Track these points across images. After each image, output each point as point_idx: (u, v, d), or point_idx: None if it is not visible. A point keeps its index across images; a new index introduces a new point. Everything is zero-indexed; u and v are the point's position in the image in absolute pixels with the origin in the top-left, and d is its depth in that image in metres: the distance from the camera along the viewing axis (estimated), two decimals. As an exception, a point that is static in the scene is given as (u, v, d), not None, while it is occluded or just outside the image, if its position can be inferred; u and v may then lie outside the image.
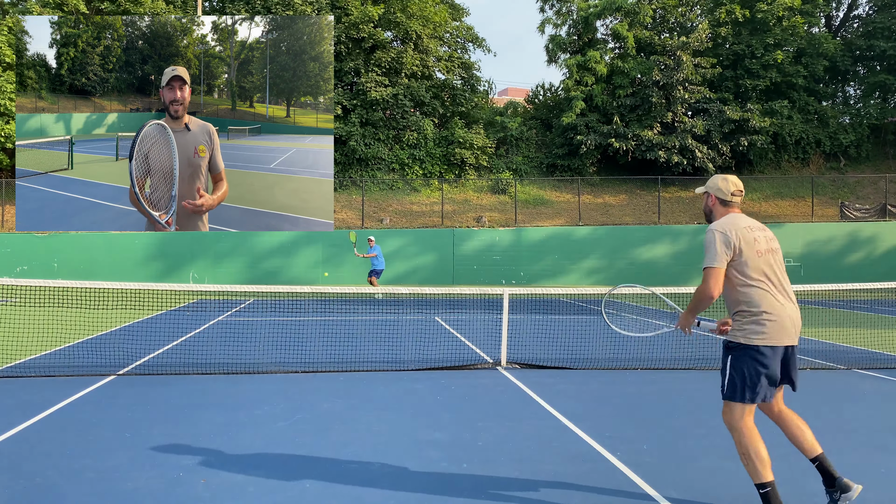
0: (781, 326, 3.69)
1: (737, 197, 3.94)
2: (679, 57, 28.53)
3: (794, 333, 3.74)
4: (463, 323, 13.59)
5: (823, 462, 3.83)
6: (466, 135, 29.14)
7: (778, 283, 3.78)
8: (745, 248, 3.73)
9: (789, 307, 3.75)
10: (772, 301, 3.71)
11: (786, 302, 3.75)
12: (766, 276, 3.75)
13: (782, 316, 3.70)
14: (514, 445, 5.18)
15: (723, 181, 3.95)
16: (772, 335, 3.68)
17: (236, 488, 4.25)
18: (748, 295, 3.74)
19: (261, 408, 6.33)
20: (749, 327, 3.72)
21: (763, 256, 3.76)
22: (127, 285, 9.11)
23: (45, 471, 4.53)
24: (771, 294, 3.73)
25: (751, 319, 3.72)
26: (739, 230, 3.77)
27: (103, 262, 22.95)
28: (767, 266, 3.77)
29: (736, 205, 3.96)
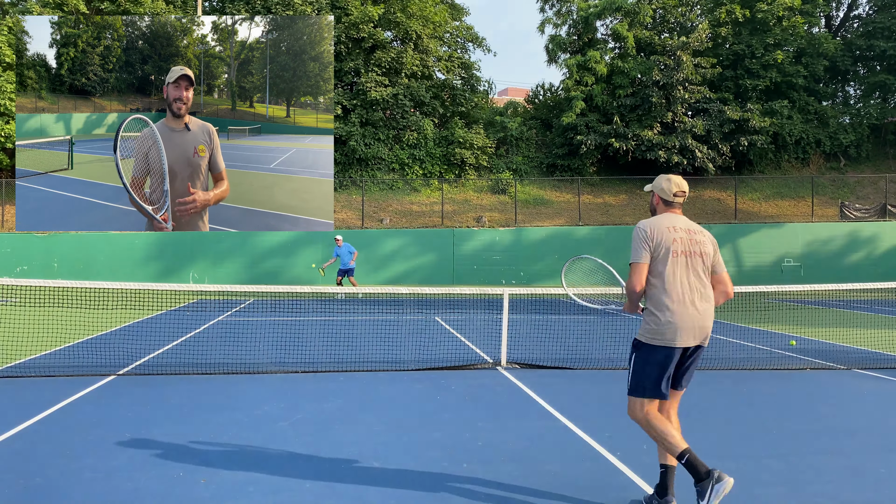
0: (680, 329, 3.75)
1: (679, 198, 4.03)
2: (679, 57, 28.53)
3: (692, 335, 3.78)
4: (463, 323, 13.59)
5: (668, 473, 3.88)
6: (466, 135, 29.14)
7: (689, 286, 3.82)
8: (660, 247, 3.84)
9: (694, 311, 3.78)
10: (677, 304, 3.78)
11: (695, 304, 3.80)
12: (678, 277, 3.82)
13: (683, 318, 3.76)
14: (514, 445, 5.18)
15: (666, 182, 4.05)
16: (667, 335, 3.77)
17: (236, 488, 4.25)
18: (655, 294, 3.84)
19: (261, 408, 6.33)
20: (651, 326, 3.82)
21: (679, 258, 3.83)
22: (127, 285, 9.11)
23: (45, 471, 4.53)
24: (677, 295, 3.79)
25: (653, 319, 3.81)
26: (660, 228, 3.88)
27: (103, 262, 22.95)
28: (682, 267, 3.83)
29: (677, 205, 4.05)
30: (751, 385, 7.55)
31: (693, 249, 3.87)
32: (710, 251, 3.94)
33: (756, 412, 6.29)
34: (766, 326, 13.20)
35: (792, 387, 7.47)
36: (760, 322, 13.99)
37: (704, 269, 3.89)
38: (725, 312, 15.94)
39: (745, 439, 5.40)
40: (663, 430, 3.77)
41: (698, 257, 3.88)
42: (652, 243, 3.85)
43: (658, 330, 3.79)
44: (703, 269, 3.89)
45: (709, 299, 3.87)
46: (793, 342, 10.72)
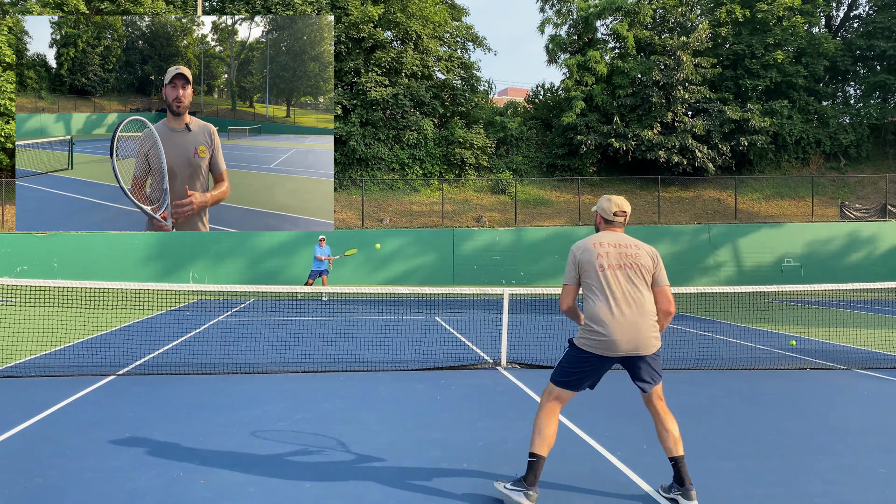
0: (610, 341, 3.90)
1: (619, 217, 4.19)
2: (679, 57, 28.53)
3: (628, 346, 3.90)
4: (463, 323, 13.59)
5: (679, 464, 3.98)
6: (466, 135, 29.14)
7: (620, 297, 3.94)
8: (585, 264, 4.05)
9: (627, 321, 3.90)
10: (605, 314, 3.92)
11: (625, 315, 3.90)
12: (605, 290, 3.96)
13: (615, 329, 3.89)
14: (514, 445, 5.18)
15: (607, 202, 4.22)
16: (597, 346, 3.94)
17: (236, 488, 4.25)
18: (587, 305, 4.04)
19: (261, 408, 6.33)
20: (584, 333, 4.01)
21: (608, 271, 3.99)
22: (127, 285, 9.11)
23: (45, 471, 4.53)
24: (606, 307, 3.93)
25: (586, 326, 4.01)
26: (586, 248, 4.09)
27: (103, 262, 22.95)
28: (609, 280, 3.97)
29: (617, 224, 4.20)
30: (751, 385, 7.55)
31: (623, 262, 4.01)
32: (647, 263, 4.04)
33: (756, 412, 6.29)
34: (766, 326, 13.20)
35: (792, 387, 7.47)
36: (760, 322, 13.99)
37: (641, 280, 4.00)
38: (726, 312, 15.95)
39: (745, 439, 5.40)
40: (544, 425, 4.02)
41: (630, 269, 3.99)
42: (577, 264, 4.08)
43: (589, 339, 3.96)
44: (639, 280, 4.00)
45: (644, 311, 3.95)
46: (793, 342, 10.72)
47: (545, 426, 4.01)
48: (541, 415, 4.06)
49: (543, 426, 4.01)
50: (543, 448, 3.97)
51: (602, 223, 4.26)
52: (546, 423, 4.02)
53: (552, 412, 4.06)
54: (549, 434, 4.00)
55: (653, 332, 3.96)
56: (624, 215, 4.19)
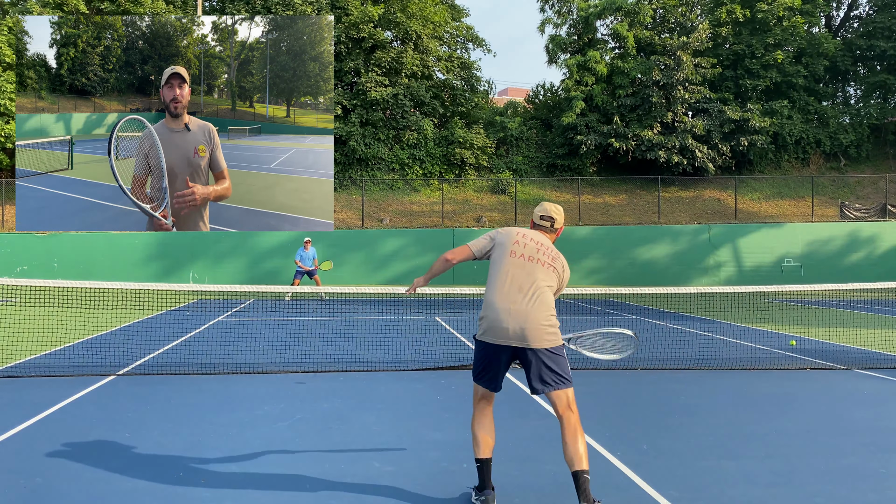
0: (498, 327, 3.83)
1: (545, 221, 4.20)
2: (679, 57, 28.53)
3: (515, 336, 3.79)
4: (463, 323, 13.59)
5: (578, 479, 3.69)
6: (466, 135, 29.14)
7: (517, 286, 3.87)
8: (498, 248, 4.04)
9: (517, 309, 3.81)
10: (500, 301, 3.86)
11: (518, 304, 3.82)
12: (507, 277, 3.91)
13: (504, 318, 3.81)
14: (514, 445, 5.18)
15: (539, 207, 4.30)
16: (488, 333, 3.88)
17: (236, 488, 4.25)
18: (486, 290, 4.00)
19: (261, 408, 6.33)
20: (480, 323, 3.97)
21: (516, 259, 3.95)
22: (127, 285, 9.12)
23: (45, 471, 4.53)
24: (503, 294, 3.87)
25: (481, 315, 3.97)
26: (509, 232, 4.10)
27: (103, 262, 22.95)
28: (516, 269, 3.92)
29: (543, 228, 4.21)
30: (751, 385, 7.55)
31: (533, 256, 3.97)
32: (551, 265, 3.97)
33: (756, 412, 6.29)
34: (767, 326, 13.20)
35: (792, 387, 7.47)
36: (760, 322, 13.99)
37: (546, 278, 3.92)
38: (726, 312, 15.95)
39: (745, 439, 5.40)
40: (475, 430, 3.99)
41: (537, 263, 3.95)
42: (493, 240, 4.09)
43: (483, 326, 3.92)
44: (545, 278, 3.92)
45: (538, 302, 3.83)
46: (793, 342, 10.72)
47: (477, 430, 3.99)
48: (473, 418, 4.05)
49: (476, 430, 4.00)
50: (482, 451, 3.93)
51: (532, 225, 4.31)
52: (478, 426, 4.00)
53: (481, 413, 4.02)
54: (482, 436, 3.96)
55: (545, 323, 3.81)
56: (551, 221, 4.19)
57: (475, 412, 4.05)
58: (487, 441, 3.96)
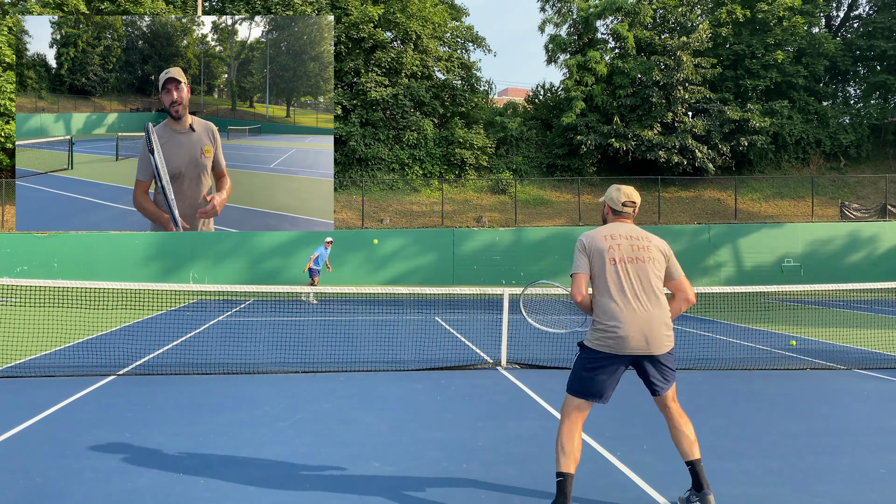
0: (625, 336, 3.72)
1: (628, 208, 4.02)
2: (679, 57, 28.52)
3: (641, 344, 3.73)
4: (463, 323, 13.59)
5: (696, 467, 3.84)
6: (466, 135, 29.13)
7: (632, 293, 3.78)
8: (595, 256, 3.87)
9: (640, 316, 3.73)
10: (616, 310, 3.75)
11: (637, 311, 3.74)
12: (618, 284, 3.79)
13: (628, 325, 3.72)
14: (514, 445, 5.18)
15: (616, 191, 4.05)
16: (610, 344, 3.76)
17: (236, 488, 4.25)
18: (597, 302, 3.86)
19: (261, 408, 6.33)
20: (594, 332, 3.84)
21: (619, 265, 3.82)
22: (127, 285, 9.12)
23: (45, 471, 4.53)
24: (618, 304, 3.76)
25: (596, 325, 3.83)
26: (596, 239, 3.90)
27: (103, 262, 22.95)
28: (622, 274, 3.80)
29: (626, 215, 4.04)
30: (751, 385, 7.54)
31: (636, 255, 3.85)
32: (657, 256, 3.90)
33: (756, 412, 6.29)
34: (767, 326, 13.20)
35: (792, 387, 7.47)
36: (761, 322, 13.99)
37: (653, 275, 3.84)
38: (726, 312, 15.95)
39: (745, 439, 5.40)
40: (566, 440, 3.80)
41: (643, 263, 3.84)
42: (588, 253, 3.88)
43: (601, 337, 3.78)
44: (652, 275, 3.83)
45: (657, 306, 3.79)
46: (793, 342, 10.72)
47: (567, 441, 3.79)
48: (562, 430, 3.83)
49: (566, 441, 3.79)
50: (570, 465, 3.75)
51: (610, 214, 4.08)
52: (568, 437, 3.80)
53: (574, 426, 3.83)
54: (572, 449, 3.77)
55: (665, 329, 3.78)
56: (633, 206, 4.01)
57: (567, 424, 3.83)
58: (577, 455, 3.78)
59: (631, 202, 4.01)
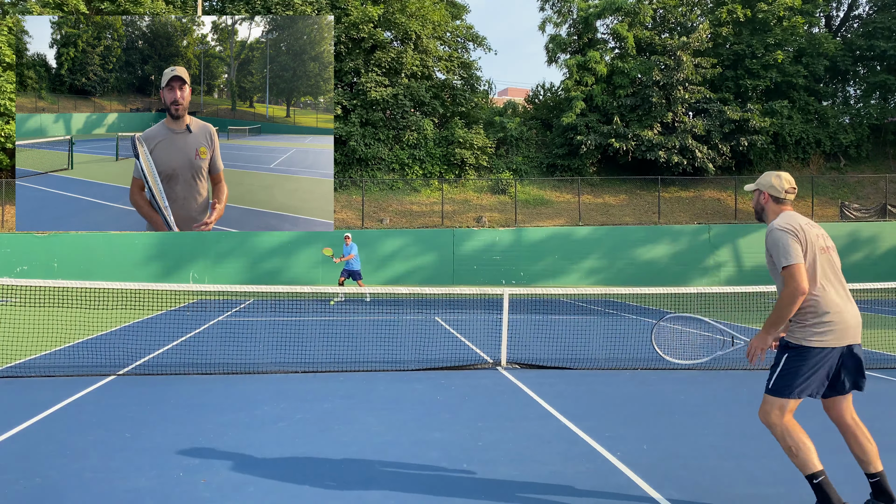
0: (845, 327, 3.63)
1: (790, 194, 3.87)
2: (679, 57, 28.52)
3: (855, 332, 3.68)
4: (463, 323, 13.59)
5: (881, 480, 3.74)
6: (466, 135, 29.13)
7: (838, 283, 3.73)
8: (810, 247, 3.68)
9: (850, 307, 3.70)
10: (835, 301, 3.65)
11: (847, 302, 3.70)
12: (828, 275, 3.70)
13: (845, 317, 3.64)
14: (514, 445, 5.18)
15: (776, 178, 3.88)
16: (833, 337, 3.62)
17: (236, 488, 4.25)
18: (818, 291, 3.66)
19: (261, 408, 6.33)
20: (811, 329, 3.64)
21: (825, 254, 3.72)
22: (127, 285, 9.12)
23: (45, 471, 4.53)
24: (833, 292, 3.67)
25: (814, 321, 3.64)
26: (802, 227, 3.70)
27: (103, 262, 22.95)
28: (829, 265, 3.72)
29: (788, 202, 3.88)
30: (751, 385, 7.55)
31: (829, 244, 3.78)
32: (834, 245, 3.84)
33: (756, 412, 6.28)
34: (766, 326, 13.18)
35: (792, 387, 7.46)
36: (761, 322, 13.98)
37: (839, 263, 3.80)
38: (726, 312, 15.94)
39: (745, 439, 5.40)
40: (801, 439, 3.62)
41: (834, 252, 3.80)
42: (801, 241, 3.66)
43: (826, 331, 3.61)
44: (839, 263, 3.80)
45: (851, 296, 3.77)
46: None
47: (803, 439, 3.62)
48: (790, 433, 3.63)
49: (802, 440, 3.61)
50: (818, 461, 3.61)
51: (770, 202, 3.90)
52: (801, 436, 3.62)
53: (795, 426, 3.66)
54: (812, 445, 3.63)
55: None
56: (794, 192, 3.86)
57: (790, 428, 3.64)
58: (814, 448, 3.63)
59: (793, 188, 3.86)
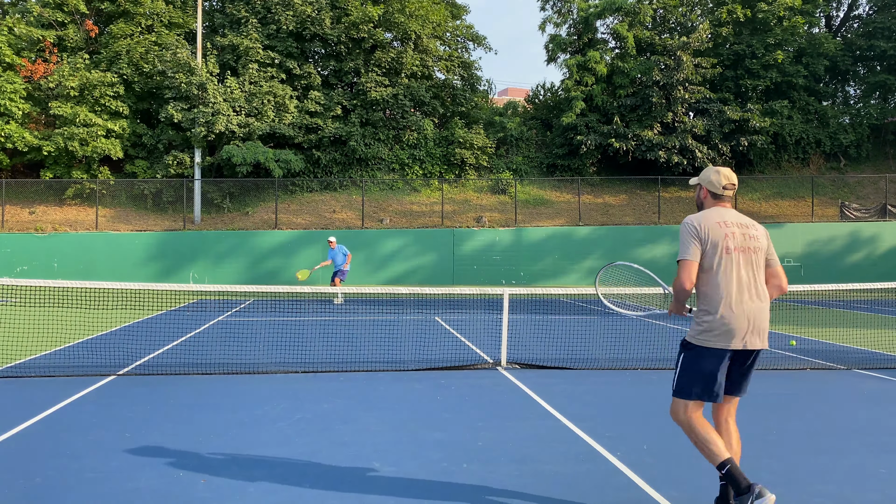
0: (736, 328, 3.61)
1: (728, 191, 3.84)
2: (679, 57, 28.51)
3: (751, 337, 3.64)
4: (463, 323, 13.59)
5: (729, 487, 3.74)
6: (466, 135, 29.12)
7: (747, 283, 3.67)
8: (710, 243, 3.67)
9: (752, 308, 3.64)
10: (731, 302, 3.62)
11: (750, 303, 3.64)
12: (732, 274, 3.65)
13: (739, 319, 3.61)
14: (514, 445, 5.18)
15: (715, 174, 3.86)
16: (721, 339, 3.63)
17: (236, 488, 4.25)
18: (708, 292, 3.69)
19: (261, 408, 6.33)
20: (702, 327, 3.68)
21: (733, 254, 3.67)
22: (127, 285, 9.12)
23: (45, 471, 4.53)
24: (731, 294, 3.63)
25: (706, 319, 3.67)
26: (710, 223, 3.71)
27: (103, 262, 22.95)
28: (736, 265, 3.67)
29: (727, 199, 3.87)
30: (751, 385, 7.52)
31: (748, 245, 3.70)
32: (764, 245, 3.78)
33: (756, 412, 6.29)
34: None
35: (792, 387, 7.47)
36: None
37: (760, 267, 3.73)
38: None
39: (745, 439, 5.38)
40: (705, 435, 3.68)
41: (752, 253, 3.71)
42: (702, 239, 3.68)
43: (710, 330, 3.64)
44: (759, 267, 3.73)
45: (764, 298, 3.70)
46: (793, 342, 10.71)
47: (707, 433, 3.67)
48: (694, 428, 3.70)
49: (706, 434, 3.66)
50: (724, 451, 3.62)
51: (709, 198, 3.89)
52: (706, 430, 3.68)
53: (700, 420, 3.72)
54: (717, 436, 3.67)
55: (768, 323, 3.69)
56: (733, 188, 3.83)
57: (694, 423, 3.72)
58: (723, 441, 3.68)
59: (731, 184, 3.83)
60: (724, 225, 3.71)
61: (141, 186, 26.25)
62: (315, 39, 28.52)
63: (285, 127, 26.63)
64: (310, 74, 28.00)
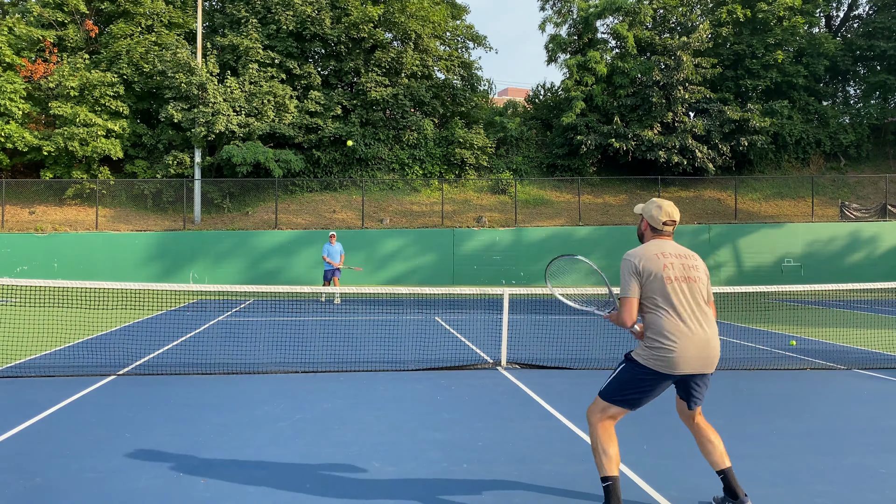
0: (680, 356, 3.68)
1: (668, 227, 3.94)
2: (679, 57, 28.51)
3: (697, 364, 3.71)
4: (463, 323, 13.59)
5: (728, 475, 3.88)
6: (466, 135, 29.12)
7: (688, 311, 3.74)
8: (650, 275, 3.77)
9: (697, 336, 3.70)
10: (674, 329, 3.70)
11: (694, 331, 3.70)
12: (674, 303, 3.73)
13: (684, 345, 3.68)
14: (514, 445, 5.18)
15: (657, 209, 3.95)
16: (663, 364, 3.70)
17: (236, 488, 4.25)
18: (652, 320, 3.77)
19: (261, 408, 6.33)
20: (647, 350, 3.75)
21: (674, 283, 3.75)
22: (127, 285, 9.11)
23: (45, 471, 4.53)
24: (674, 322, 3.71)
25: (651, 343, 3.74)
26: (647, 258, 3.81)
27: (103, 262, 22.95)
28: (676, 293, 3.74)
29: (666, 233, 3.96)
30: (751, 385, 7.54)
31: (689, 275, 3.80)
32: (704, 276, 3.88)
33: (756, 412, 6.29)
34: (767, 326, 13.20)
35: (792, 387, 7.47)
36: (760, 322, 13.99)
37: (701, 295, 3.81)
38: (726, 312, 15.94)
39: (745, 439, 5.40)
40: (605, 446, 3.82)
41: (695, 283, 3.80)
42: (640, 273, 3.78)
43: (657, 356, 3.71)
44: (700, 295, 3.80)
45: (711, 325, 3.78)
46: (793, 342, 10.71)
47: (608, 445, 3.82)
48: (600, 435, 3.85)
49: (607, 445, 3.81)
50: (614, 468, 3.77)
51: (648, 230, 4.01)
52: (608, 441, 3.83)
53: (608, 430, 3.86)
54: (614, 453, 3.81)
55: (718, 347, 3.80)
56: (673, 224, 3.93)
57: (601, 429, 3.86)
58: (618, 457, 3.84)
59: (672, 221, 3.93)
60: (661, 256, 3.82)
61: (141, 186, 26.26)
62: (315, 39, 28.52)
63: (285, 127, 26.63)
64: (310, 74, 27.99)
